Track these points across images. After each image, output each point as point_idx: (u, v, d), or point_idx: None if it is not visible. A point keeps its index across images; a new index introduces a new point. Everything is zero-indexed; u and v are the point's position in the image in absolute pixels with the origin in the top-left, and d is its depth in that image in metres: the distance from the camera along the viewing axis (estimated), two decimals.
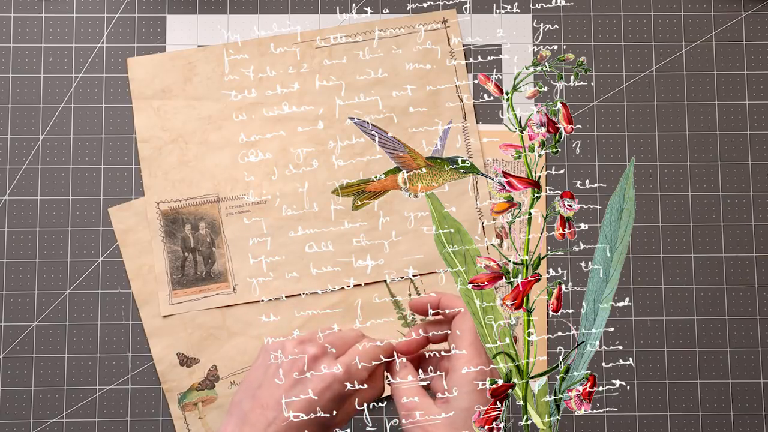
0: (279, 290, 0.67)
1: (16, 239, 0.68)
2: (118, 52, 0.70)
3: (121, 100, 0.69)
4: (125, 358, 0.67)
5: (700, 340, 0.68)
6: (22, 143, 0.69)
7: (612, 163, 0.69)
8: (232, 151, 0.69)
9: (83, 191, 0.69)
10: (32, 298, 0.67)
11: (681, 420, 0.67)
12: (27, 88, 0.69)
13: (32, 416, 0.67)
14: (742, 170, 0.69)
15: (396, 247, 0.68)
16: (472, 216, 0.68)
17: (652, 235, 0.69)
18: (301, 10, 0.71)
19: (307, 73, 0.69)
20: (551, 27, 0.71)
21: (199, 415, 0.67)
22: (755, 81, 0.70)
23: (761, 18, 0.71)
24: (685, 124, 0.70)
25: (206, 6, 0.71)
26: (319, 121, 0.69)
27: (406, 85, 0.69)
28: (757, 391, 0.67)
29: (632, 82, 0.70)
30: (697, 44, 0.71)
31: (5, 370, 0.67)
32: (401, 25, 0.70)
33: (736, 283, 0.68)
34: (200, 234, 0.68)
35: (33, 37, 0.70)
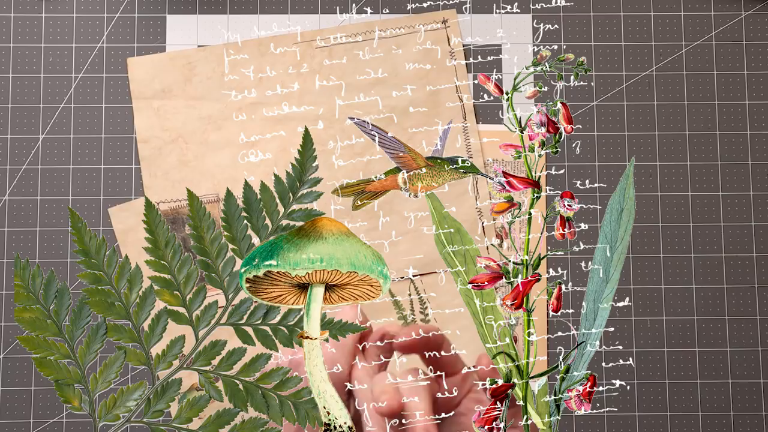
0: None
1: (16, 239, 0.68)
2: (118, 52, 0.70)
3: (121, 100, 0.69)
4: None
5: (700, 340, 0.68)
6: (22, 143, 0.69)
7: (612, 163, 0.69)
8: (232, 151, 0.69)
9: (83, 191, 0.69)
10: None
11: (681, 420, 0.67)
12: (27, 88, 0.69)
13: (32, 416, 0.67)
14: (742, 170, 0.69)
15: (396, 247, 0.68)
16: (472, 216, 0.68)
17: (652, 235, 0.69)
18: (301, 10, 0.71)
19: (307, 73, 0.69)
20: (551, 27, 0.71)
21: None
22: (755, 81, 0.70)
23: (761, 18, 0.71)
24: (685, 124, 0.70)
25: (206, 6, 0.71)
26: (319, 121, 0.69)
27: (406, 85, 0.69)
28: (757, 391, 0.67)
29: (632, 82, 0.70)
30: (697, 44, 0.71)
31: (5, 370, 0.67)
32: (401, 25, 0.70)
33: (736, 283, 0.68)
34: None
35: (33, 37, 0.70)
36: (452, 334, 0.67)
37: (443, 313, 0.67)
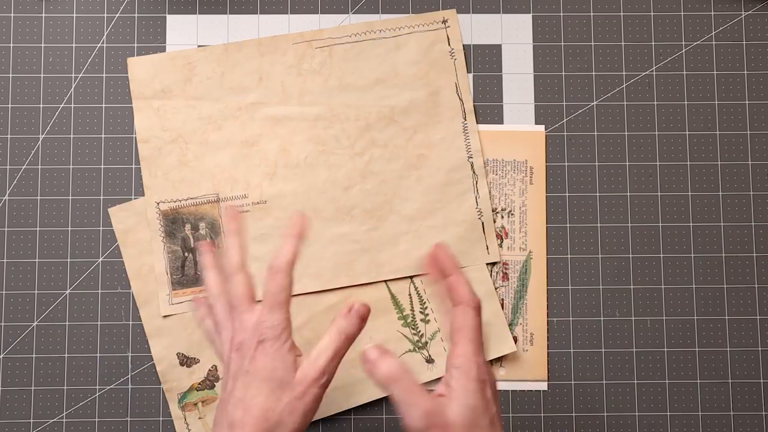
0: None
1: (16, 239, 0.68)
2: (118, 52, 0.70)
3: (121, 100, 0.69)
4: (125, 358, 0.67)
5: (700, 340, 0.68)
6: (22, 143, 0.69)
7: (612, 163, 0.69)
8: (232, 151, 0.68)
9: (83, 191, 0.69)
10: (32, 298, 0.67)
11: (681, 420, 0.67)
12: (27, 88, 0.69)
13: (32, 416, 0.67)
14: (742, 170, 0.69)
15: (396, 247, 0.68)
16: (472, 216, 0.68)
17: (652, 235, 0.69)
18: (301, 10, 0.71)
19: (307, 73, 0.69)
20: (551, 27, 0.71)
21: (199, 415, 0.67)
22: (755, 81, 0.70)
23: (761, 18, 0.71)
24: (685, 124, 0.70)
25: (206, 6, 0.71)
26: (319, 121, 0.69)
27: (406, 85, 0.69)
28: (757, 391, 0.67)
29: (632, 82, 0.70)
30: (697, 44, 0.71)
31: (5, 370, 0.67)
32: (401, 25, 0.70)
33: (736, 283, 0.68)
34: (200, 234, 0.68)
35: (33, 37, 0.70)
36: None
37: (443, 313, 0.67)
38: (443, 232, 0.68)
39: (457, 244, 0.68)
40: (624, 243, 0.69)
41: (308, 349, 0.66)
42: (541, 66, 0.70)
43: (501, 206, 0.69)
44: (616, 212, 0.69)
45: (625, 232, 0.69)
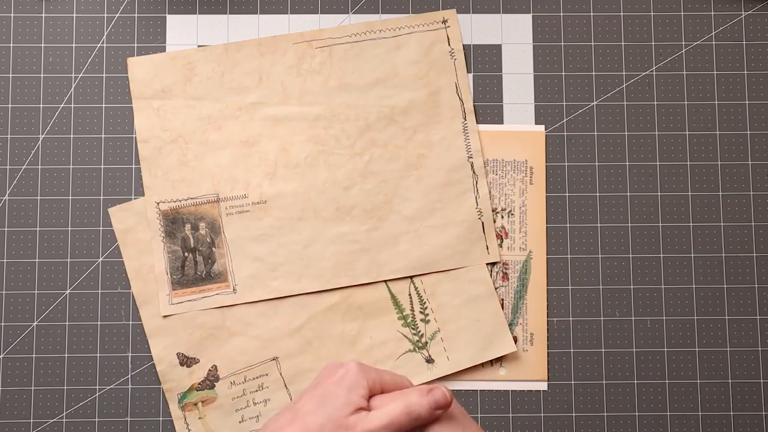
0: (279, 290, 0.67)
1: (16, 239, 0.68)
2: (118, 52, 0.70)
3: (121, 100, 0.69)
4: (125, 358, 0.67)
5: (700, 340, 0.68)
6: (22, 143, 0.69)
7: (612, 163, 0.69)
8: (232, 151, 0.69)
9: (83, 191, 0.69)
10: (32, 298, 0.68)
11: (681, 420, 0.67)
12: (27, 88, 0.69)
13: (32, 416, 0.67)
14: (742, 170, 0.69)
15: (396, 247, 0.68)
16: (472, 216, 0.68)
17: (652, 235, 0.69)
18: (301, 10, 0.71)
19: (307, 73, 0.69)
20: (551, 27, 0.71)
21: (199, 415, 0.67)
22: (755, 81, 0.70)
23: (761, 18, 0.71)
24: (685, 124, 0.70)
25: (206, 6, 0.71)
26: (319, 121, 0.69)
27: (406, 85, 0.69)
28: (757, 391, 0.67)
29: (632, 82, 0.70)
30: (697, 44, 0.71)
31: (5, 370, 0.67)
32: (401, 25, 0.70)
33: (736, 283, 0.68)
34: (200, 234, 0.68)
35: (33, 37, 0.70)
36: (452, 334, 0.67)
37: (443, 313, 0.67)
38: (443, 232, 0.68)
39: (457, 244, 0.68)
40: (624, 243, 0.69)
41: (308, 349, 0.67)
42: (541, 66, 0.70)
43: (501, 206, 0.69)
44: (616, 212, 0.69)
45: (625, 232, 0.69)
